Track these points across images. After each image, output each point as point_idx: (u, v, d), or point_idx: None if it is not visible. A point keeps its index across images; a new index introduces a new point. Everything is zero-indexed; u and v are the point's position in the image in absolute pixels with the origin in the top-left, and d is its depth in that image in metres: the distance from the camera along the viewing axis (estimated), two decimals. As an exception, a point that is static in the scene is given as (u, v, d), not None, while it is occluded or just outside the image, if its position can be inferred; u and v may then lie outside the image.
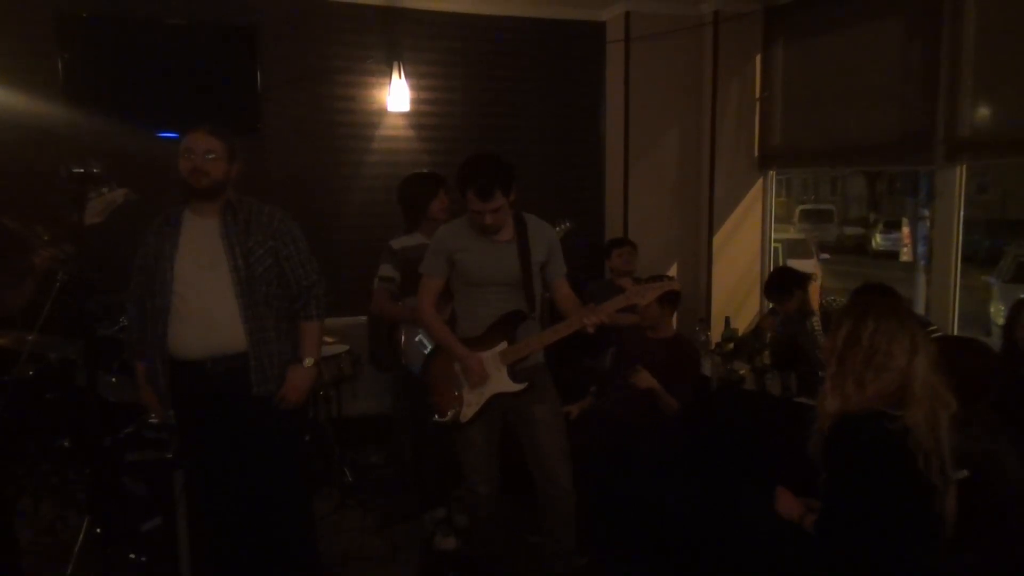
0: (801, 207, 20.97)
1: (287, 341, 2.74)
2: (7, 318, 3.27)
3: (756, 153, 5.36)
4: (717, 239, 5.34)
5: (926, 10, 4.11)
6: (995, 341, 3.20)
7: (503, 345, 2.81)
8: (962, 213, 4.03)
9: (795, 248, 12.25)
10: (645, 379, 3.39)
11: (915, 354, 2.06)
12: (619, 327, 3.86)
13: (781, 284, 4.00)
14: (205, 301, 2.62)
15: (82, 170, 2.59)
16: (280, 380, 2.69)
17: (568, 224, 4.11)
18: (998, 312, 9.46)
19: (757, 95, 5.30)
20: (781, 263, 6.66)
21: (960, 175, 4.02)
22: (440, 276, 2.87)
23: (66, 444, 3.62)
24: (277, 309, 2.70)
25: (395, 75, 4.89)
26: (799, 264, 10.44)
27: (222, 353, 2.62)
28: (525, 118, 5.32)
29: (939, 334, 3.45)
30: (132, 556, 3.15)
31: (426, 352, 3.09)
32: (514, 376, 2.81)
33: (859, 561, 2.08)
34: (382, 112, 4.98)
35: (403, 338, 3.39)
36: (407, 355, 3.36)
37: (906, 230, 15.49)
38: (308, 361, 2.73)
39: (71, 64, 4.24)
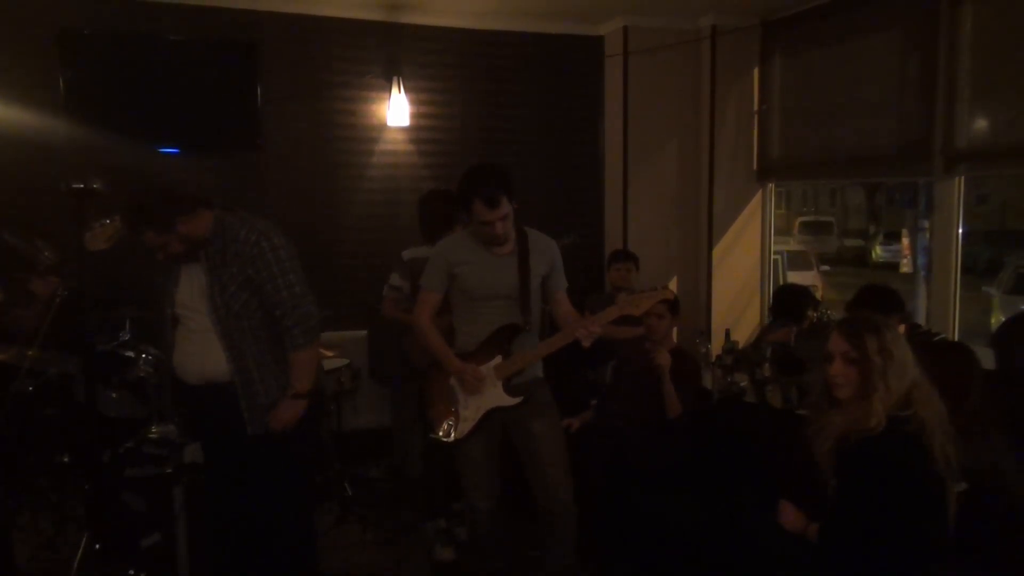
0: (801, 219, 20.99)
1: (281, 372, 2.65)
2: (8, 333, 3.28)
3: (755, 165, 5.38)
4: (717, 251, 5.35)
5: (923, 22, 4.13)
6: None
7: (498, 359, 2.80)
8: (961, 224, 4.04)
9: (795, 260, 12.25)
10: (664, 356, 3.38)
11: (913, 355, 2.10)
12: (619, 340, 3.86)
13: (790, 304, 4.02)
14: (197, 332, 2.62)
15: (82, 186, 2.60)
16: (271, 409, 2.63)
17: (572, 237, 4.12)
18: (999, 323, 9.43)
19: (755, 108, 5.33)
20: (782, 275, 6.67)
21: (958, 186, 4.03)
22: (439, 290, 2.86)
23: (65, 459, 3.62)
24: (265, 340, 2.63)
25: (395, 90, 4.92)
26: (799, 276, 10.45)
27: (214, 381, 2.62)
28: (524, 132, 5.34)
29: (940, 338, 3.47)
30: (131, 572, 3.12)
31: None
32: (510, 390, 2.80)
33: (866, 570, 2.08)
34: (382, 127, 5.00)
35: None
36: (416, 361, 3.37)
37: (906, 241, 15.52)
38: (291, 391, 2.63)
39: (73, 80, 4.26)
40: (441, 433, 2.85)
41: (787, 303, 4.12)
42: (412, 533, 3.70)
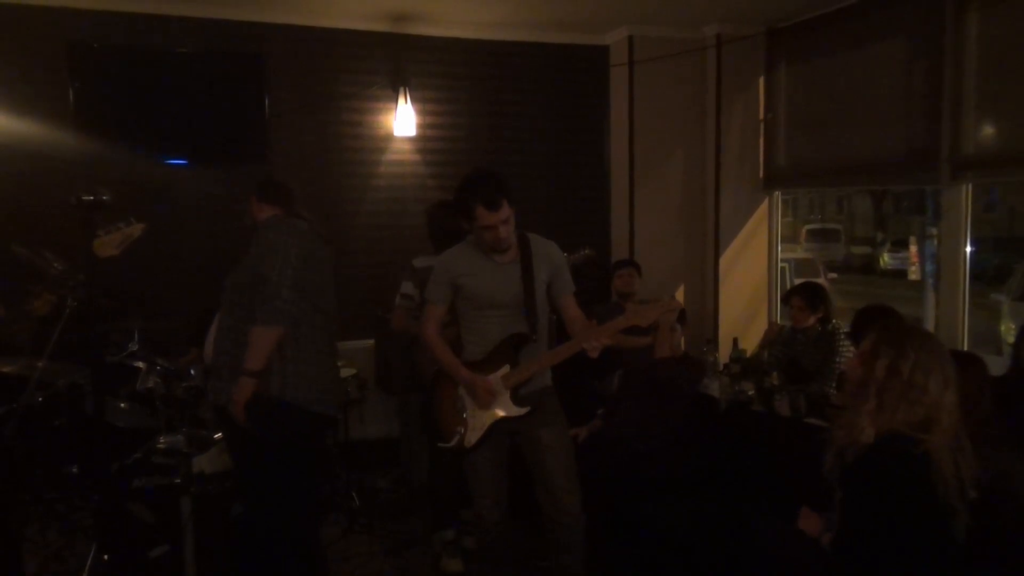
0: (807, 227, 20.93)
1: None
2: (15, 344, 3.30)
3: (761, 173, 5.37)
4: (724, 260, 5.34)
5: (929, 29, 4.14)
6: (1005, 359, 3.19)
7: (505, 368, 2.79)
8: (969, 231, 4.03)
9: (802, 268, 12.21)
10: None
11: (947, 388, 2.05)
12: (626, 349, 3.85)
13: (814, 295, 4.10)
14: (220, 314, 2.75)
15: (92, 197, 2.62)
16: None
17: (587, 251, 4.12)
18: (1008, 330, 9.38)
19: (761, 116, 5.33)
20: (789, 283, 6.68)
21: (966, 193, 4.02)
22: (443, 303, 2.86)
23: (74, 470, 3.63)
24: (245, 320, 2.58)
25: (401, 100, 4.94)
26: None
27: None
28: (530, 142, 5.36)
29: None
30: (139, 583, 3.13)
31: None
32: (518, 400, 2.80)
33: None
34: (388, 137, 5.03)
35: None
36: (424, 372, 3.37)
37: (913, 249, 15.46)
38: (243, 368, 2.52)
39: (82, 93, 4.30)
40: (451, 442, 2.85)
41: (810, 288, 4.22)
42: (420, 543, 3.69)
